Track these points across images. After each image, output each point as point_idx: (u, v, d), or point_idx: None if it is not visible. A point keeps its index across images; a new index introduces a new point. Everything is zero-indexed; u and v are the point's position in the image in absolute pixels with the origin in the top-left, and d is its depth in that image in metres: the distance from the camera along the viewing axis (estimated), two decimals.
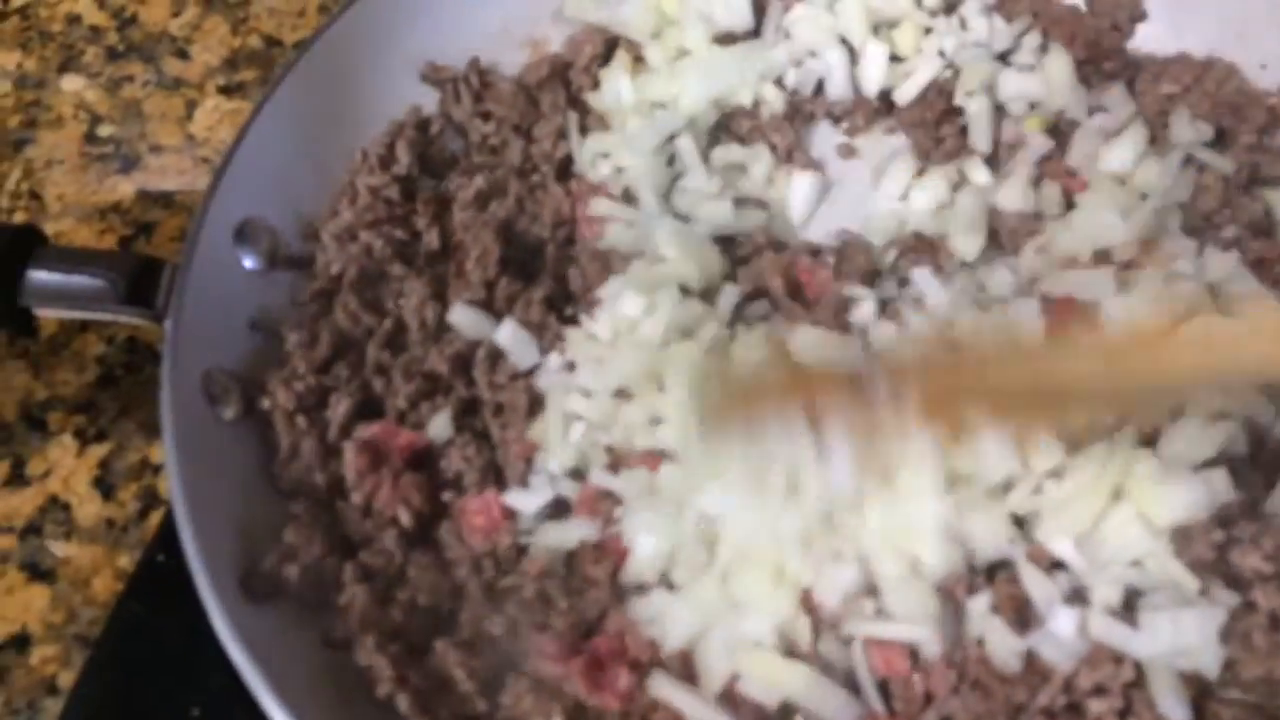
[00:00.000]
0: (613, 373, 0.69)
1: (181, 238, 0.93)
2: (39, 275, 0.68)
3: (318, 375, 0.71)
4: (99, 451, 0.84)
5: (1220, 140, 0.78)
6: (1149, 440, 0.65)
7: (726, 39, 0.85)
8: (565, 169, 0.83)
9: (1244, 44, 0.80)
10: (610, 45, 0.87)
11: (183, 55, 1.05)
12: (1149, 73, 0.81)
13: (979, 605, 0.63)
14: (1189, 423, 0.65)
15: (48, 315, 0.73)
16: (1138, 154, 0.75)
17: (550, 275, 0.76)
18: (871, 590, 0.64)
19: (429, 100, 0.86)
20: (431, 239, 0.77)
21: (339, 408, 0.70)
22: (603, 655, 0.63)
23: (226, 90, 1.03)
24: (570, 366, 0.71)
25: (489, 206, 0.78)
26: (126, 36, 1.06)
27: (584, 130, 0.84)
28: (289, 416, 0.69)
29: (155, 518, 0.80)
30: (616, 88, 0.84)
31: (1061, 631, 0.61)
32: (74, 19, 1.07)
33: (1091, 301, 0.69)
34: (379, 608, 0.65)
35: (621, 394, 0.69)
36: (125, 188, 0.97)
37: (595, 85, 0.86)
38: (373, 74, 0.82)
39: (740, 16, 0.84)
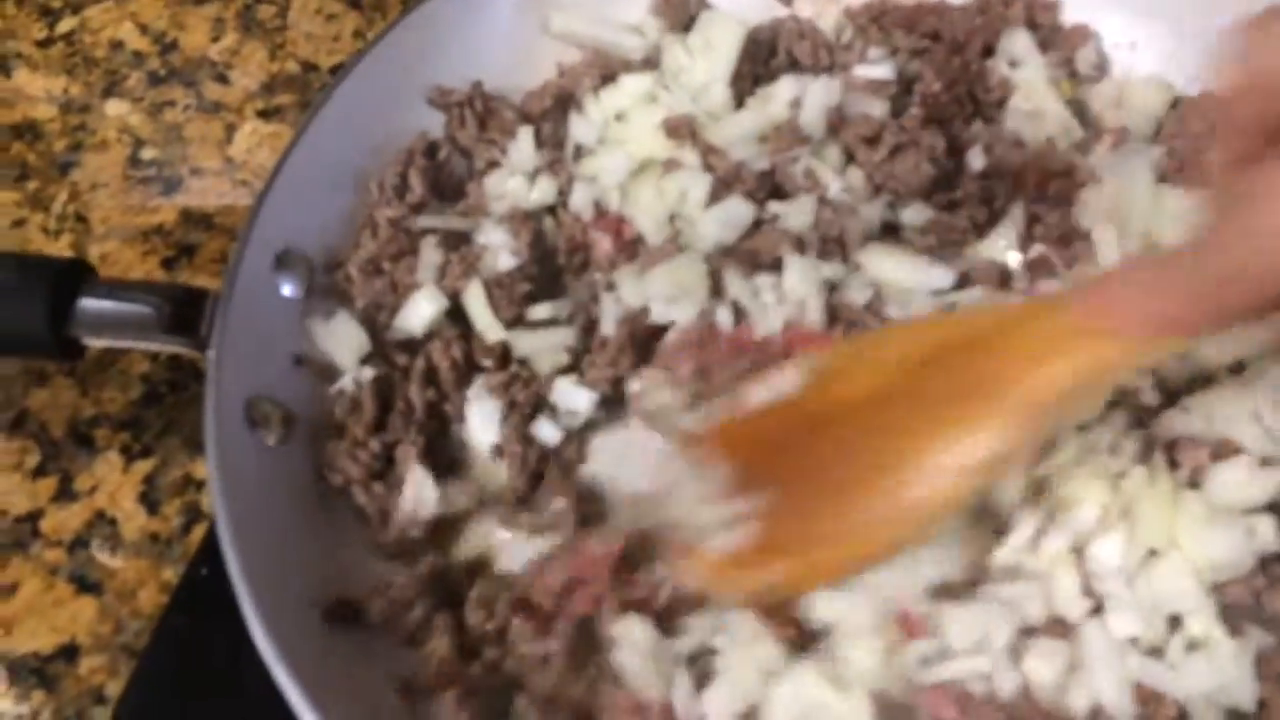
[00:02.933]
0: None
1: (222, 259, 0.97)
2: (88, 306, 0.71)
3: (375, 434, 0.73)
4: (144, 467, 0.87)
5: None
6: (1193, 483, 0.67)
7: None
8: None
9: None
10: (608, 72, 0.87)
11: (222, 80, 1.08)
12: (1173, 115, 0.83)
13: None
14: (1234, 466, 0.66)
15: (96, 345, 0.76)
16: None
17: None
18: None
19: (432, 125, 0.86)
20: None
21: (409, 462, 0.72)
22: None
23: (264, 114, 1.06)
24: None
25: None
26: (168, 61, 1.09)
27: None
28: (365, 488, 0.72)
29: (198, 532, 0.83)
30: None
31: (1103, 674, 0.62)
32: (117, 44, 1.10)
33: None
34: (462, 662, 0.66)
35: None
36: (167, 210, 1.00)
37: None
38: (400, 102, 0.85)
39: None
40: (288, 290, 0.77)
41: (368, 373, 0.76)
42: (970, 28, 0.86)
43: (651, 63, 0.88)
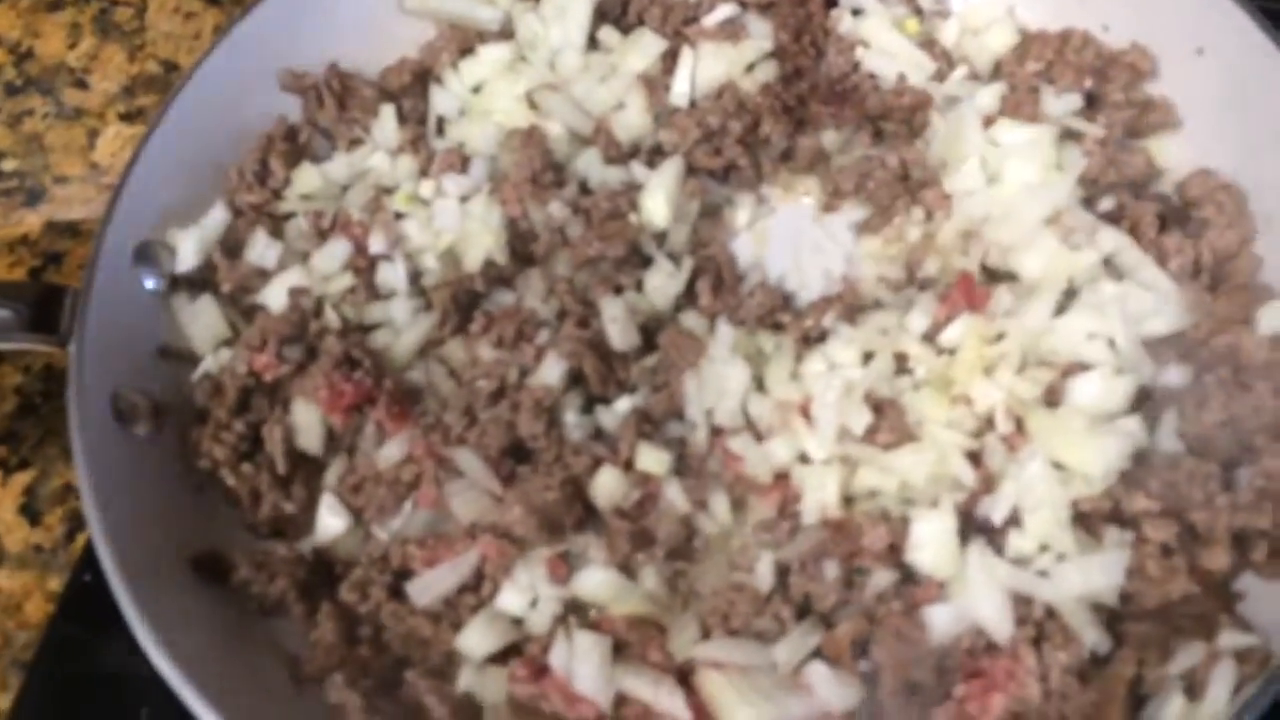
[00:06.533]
0: None
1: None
2: None
3: (240, 416, 0.73)
4: (23, 479, 0.85)
5: (1090, 105, 0.81)
6: (1052, 400, 0.69)
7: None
8: None
9: (1084, 8, 0.83)
10: (465, 45, 0.88)
11: (81, 85, 1.06)
12: (1014, 53, 0.84)
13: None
14: (1089, 379, 0.69)
15: None
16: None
17: None
18: None
19: (292, 109, 0.86)
20: None
21: (275, 437, 0.71)
22: None
23: (127, 117, 1.04)
24: None
25: None
26: (24, 70, 1.07)
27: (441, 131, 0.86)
28: (233, 468, 0.71)
29: (81, 540, 0.82)
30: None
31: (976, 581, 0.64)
32: None
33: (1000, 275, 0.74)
34: (347, 645, 0.66)
35: None
36: (32, 220, 0.98)
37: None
38: (256, 89, 0.84)
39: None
40: (150, 283, 0.76)
41: (225, 355, 0.75)
42: None
43: (507, 33, 0.89)
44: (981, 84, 0.83)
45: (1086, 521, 0.66)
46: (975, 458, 0.68)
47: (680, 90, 0.85)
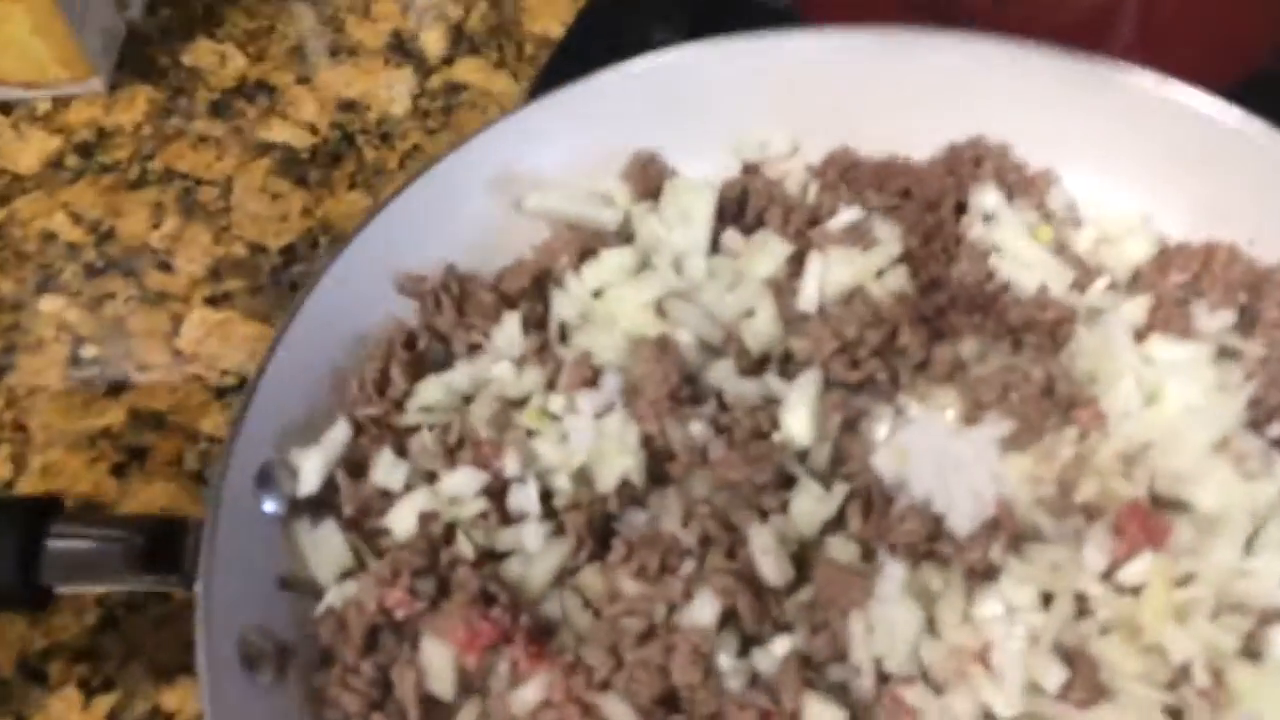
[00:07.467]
0: None
1: (177, 461, 0.91)
2: (58, 548, 0.65)
3: (368, 656, 0.68)
4: (106, 702, 0.79)
5: (1243, 323, 0.79)
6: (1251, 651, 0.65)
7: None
8: None
9: (1227, 222, 0.82)
10: (585, 246, 0.85)
11: (165, 267, 1.03)
12: (1154, 263, 0.83)
13: None
14: None
15: (68, 592, 0.69)
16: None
17: None
18: None
19: (407, 312, 0.83)
20: None
21: (406, 683, 0.66)
22: None
23: (212, 301, 1.01)
24: None
25: None
26: (105, 251, 1.04)
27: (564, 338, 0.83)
28: (364, 718, 0.66)
29: None
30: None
31: None
32: (49, 236, 1.05)
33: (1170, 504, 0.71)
34: None
35: None
36: (114, 411, 0.94)
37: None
38: (375, 294, 0.81)
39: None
40: (270, 507, 0.71)
41: (350, 587, 0.70)
42: (941, 186, 0.87)
43: (625, 234, 0.87)
44: (1124, 295, 0.81)
45: None
46: (1175, 715, 0.63)
47: (809, 296, 0.82)
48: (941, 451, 0.78)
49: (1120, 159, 0.86)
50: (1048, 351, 0.80)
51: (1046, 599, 0.68)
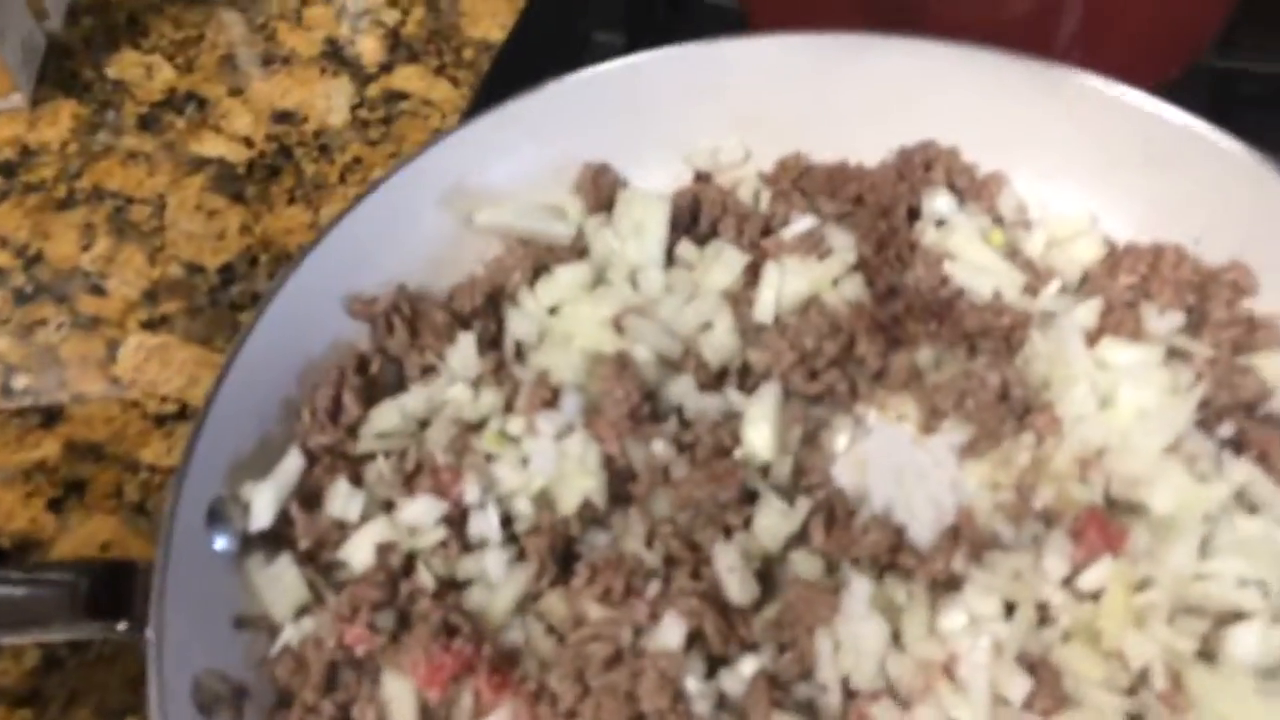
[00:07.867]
0: None
1: (117, 494, 0.88)
2: None
3: (327, 695, 0.66)
4: None
5: (1191, 324, 0.79)
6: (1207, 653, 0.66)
7: None
8: None
9: (1172, 221, 0.83)
10: (538, 261, 0.84)
11: (97, 291, 1.00)
12: (1104, 265, 0.83)
13: None
14: (1247, 630, 0.65)
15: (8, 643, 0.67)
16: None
17: None
18: None
19: (358, 335, 0.80)
20: None
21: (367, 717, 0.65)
22: None
23: (149, 325, 0.98)
24: None
25: None
26: (34, 276, 1.00)
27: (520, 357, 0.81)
28: None
29: None
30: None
31: None
32: None
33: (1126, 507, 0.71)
34: None
35: None
36: (49, 443, 0.91)
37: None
38: (326, 318, 0.79)
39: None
40: (221, 544, 0.69)
41: (306, 624, 0.68)
42: (893, 192, 0.87)
43: (579, 249, 0.86)
44: (1075, 298, 0.82)
45: None
46: None
47: (766, 307, 0.82)
48: (901, 461, 0.79)
49: (1068, 160, 0.86)
50: (1003, 357, 0.80)
51: (1009, 608, 0.68)
